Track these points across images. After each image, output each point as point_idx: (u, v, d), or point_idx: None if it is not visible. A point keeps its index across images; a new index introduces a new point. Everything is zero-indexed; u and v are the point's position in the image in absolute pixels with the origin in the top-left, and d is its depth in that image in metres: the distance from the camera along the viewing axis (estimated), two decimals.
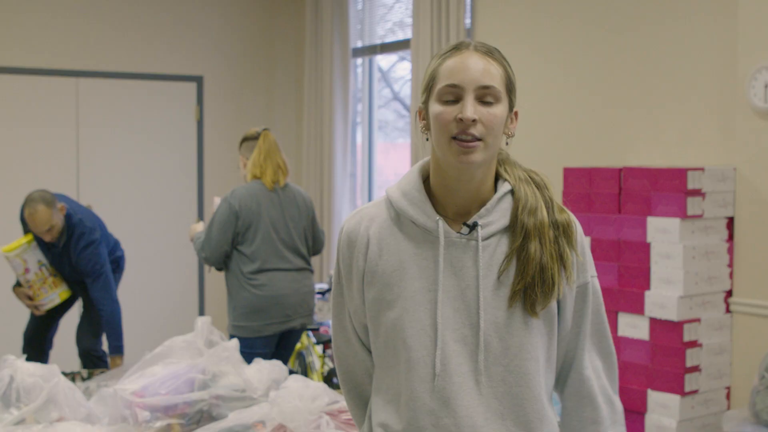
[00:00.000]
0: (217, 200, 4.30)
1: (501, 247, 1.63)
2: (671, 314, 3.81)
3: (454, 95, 1.60)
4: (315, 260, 6.63)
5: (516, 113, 1.68)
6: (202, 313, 6.78)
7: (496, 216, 1.64)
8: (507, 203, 1.65)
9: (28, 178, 6.21)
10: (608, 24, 4.59)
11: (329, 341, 4.90)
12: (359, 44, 6.51)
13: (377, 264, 1.66)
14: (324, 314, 5.79)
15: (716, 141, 4.10)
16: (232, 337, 4.07)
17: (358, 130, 6.73)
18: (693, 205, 3.83)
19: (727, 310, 3.99)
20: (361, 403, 1.81)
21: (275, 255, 4.11)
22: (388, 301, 1.64)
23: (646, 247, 3.90)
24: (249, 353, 3.80)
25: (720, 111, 4.09)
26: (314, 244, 4.35)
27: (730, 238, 3.99)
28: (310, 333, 5.00)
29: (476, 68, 1.60)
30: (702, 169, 3.86)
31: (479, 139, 1.58)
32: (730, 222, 3.99)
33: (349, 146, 6.54)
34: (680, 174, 3.82)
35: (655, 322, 3.88)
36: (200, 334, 3.17)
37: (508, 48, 5.15)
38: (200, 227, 4.33)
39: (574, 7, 4.77)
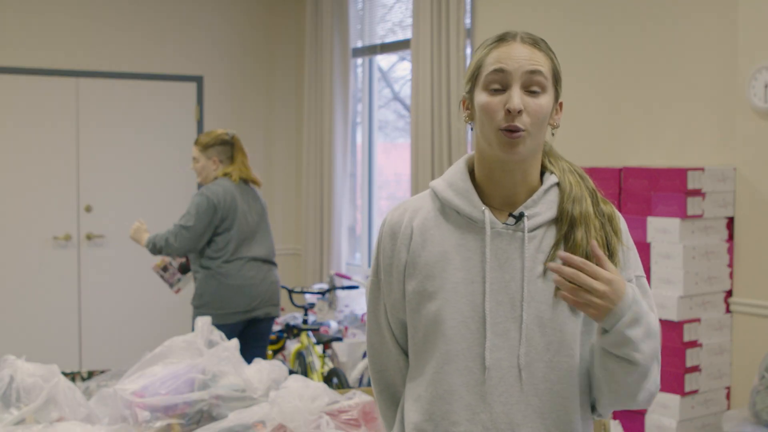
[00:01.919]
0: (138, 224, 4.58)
1: (547, 239, 1.61)
2: (671, 314, 3.81)
3: (500, 83, 1.58)
4: (314, 261, 6.64)
5: (561, 104, 1.67)
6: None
7: (542, 208, 1.62)
8: (553, 195, 1.64)
9: (28, 178, 6.21)
10: (608, 24, 4.59)
11: (329, 341, 4.90)
12: (359, 44, 6.51)
13: (420, 255, 1.64)
14: (324, 314, 5.79)
15: (716, 141, 4.10)
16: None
17: (358, 130, 6.73)
18: (693, 205, 3.83)
19: (727, 310, 3.99)
20: (392, 404, 1.77)
21: (245, 247, 4.39)
22: (429, 292, 1.61)
23: (646, 247, 3.90)
24: None
25: (720, 111, 4.09)
26: None
27: (730, 238, 3.99)
28: (310, 333, 5.01)
29: (523, 55, 1.58)
30: (702, 169, 3.86)
31: (523, 130, 1.56)
32: (730, 222, 3.99)
33: (349, 146, 6.54)
34: (680, 174, 3.82)
35: None
36: (200, 334, 3.17)
37: None
38: (144, 227, 4.54)
39: (574, 7, 4.77)
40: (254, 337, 4.47)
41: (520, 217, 1.60)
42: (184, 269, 4.64)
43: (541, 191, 1.63)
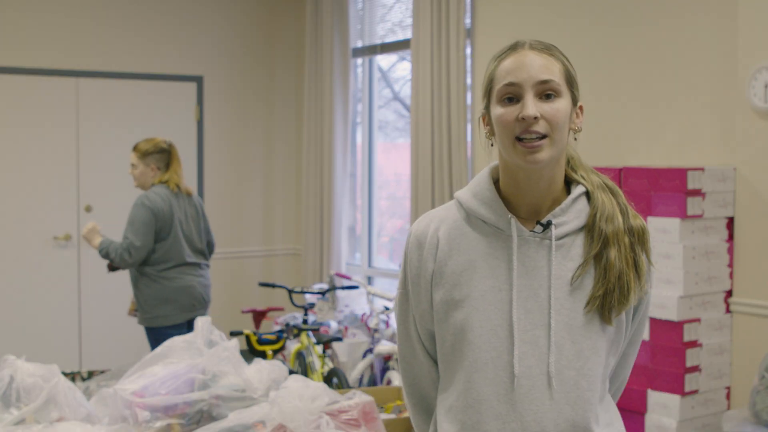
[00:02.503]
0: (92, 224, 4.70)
1: (575, 248, 1.61)
2: (671, 314, 3.81)
3: (513, 94, 1.57)
4: (314, 261, 6.64)
5: (581, 107, 1.65)
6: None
7: (570, 216, 1.62)
8: (582, 204, 1.63)
9: (28, 178, 6.21)
10: (608, 24, 4.59)
11: (329, 341, 4.90)
12: (359, 44, 6.51)
13: (446, 264, 1.63)
14: (324, 314, 5.79)
15: (716, 141, 4.10)
16: (147, 329, 4.60)
17: (358, 130, 6.73)
18: (693, 205, 3.83)
19: (727, 310, 3.99)
20: (426, 416, 1.75)
21: (183, 252, 4.61)
22: (456, 300, 1.61)
23: None
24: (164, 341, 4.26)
25: (720, 111, 4.09)
26: (208, 245, 4.84)
27: (730, 238, 3.99)
28: (310, 333, 5.00)
29: (533, 64, 1.57)
30: (702, 169, 3.86)
31: (544, 136, 1.55)
32: (730, 222, 3.99)
33: (349, 146, 6.53)
34: (680, 174, 3.82)
35: (655, 322, 3.88)
36: (200, 334, 3.17)
37: None
38: (97, 229, 4.68)
39: (574, 7, 4.77)
40: None
41: (547, 225, 1.60)
42: (112, 268, 4.76)
43: (569, 200, 1.62)
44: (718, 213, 3.93)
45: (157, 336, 4.44)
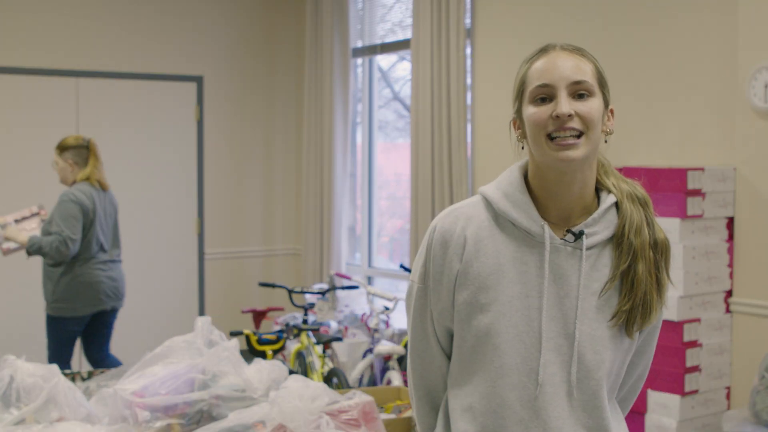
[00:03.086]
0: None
1: (603, 258, 1.60)
2: (671, 314, 3.81)
3: (547, 95, 1.56)
4: (314, 261, 6.64)
5: (612, 111, 1.64)
6: (202, 313, 6.78)
7: (601, 227, 1.60)
8: (612, 215, 1.62)
9: (28, 178, 6.21)
10: (608, 24, 4.59)
11: (329, 341, 4.90)
12: (359, 44, 6.51)
13: (472, 265, 1.61)
14: (324, 314, 5.78)
15: (716, 141, 4.10)
16: (48, 317, 4.85)
17: (358, 130, 6.73)
18: (693, 205, 3.83)
19: (727, 310, 3.99)
20: (432, 410, 1.75)
21: (97, 247, 4.85)
22: (482, 304, 1.59)
23: None
24: (63, 330, 4.82)
25: (720, 111, 4.09)
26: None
27: (730, 238, 3.99)
28: (310, 333, 5.00)
29: (566, 65, 1.56)
30: (702, 169, 3.86)
31: (581, 134, 1.55)
32: (730, 222, 3.99)
33: (349, 146, 6.53)
34: (680, 174, 3.82)
35: None
36: (200, 334, 3.16)
37: (508, 48, 5.17)
38: (15, 229, 4.88)
39: (574, 7, 4.77)
40: (100, 326, 5.03)
41: (579, 235, 1.58)
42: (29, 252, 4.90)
43: (601, 210, 1.61)
44: (718, 213, 3.93)
45: (57, 325, 4.81)
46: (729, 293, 3.99)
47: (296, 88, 7.11)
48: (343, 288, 5.44)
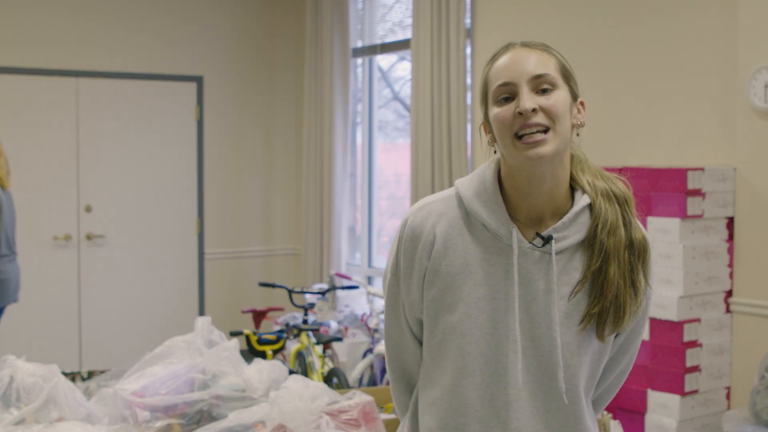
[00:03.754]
0: None
1: (573, 262, 1.57)
2: (671, 314, 3.81)
3: (509, 93, 1.53)
4: (314, 261, 6.64)
5: (582, 103, 1.60)
6: (202, 313, 6.78)
7: (572, 231, 1.57)
8: (585, 218, 1.58)
9: (28, 178, 6.21)
10: (608, 24, 4.59)
11: (329, 341, 4.90)
12: (359, 44, 6.51)
13: (441, 263, 1.60)
14: (324, 314, 5.78)
15: (716, 141, 4.10)
16: None
17: (358, 130, 6.73)
18: (693, 205, 3.83)
19: (727, 310, 3.99)
20: (407, 391, 1.76)
21: (9, 244, 5.01)
22: (448, 303, 1.59)
23: None
24: None
25: (720, 111, 4.09)
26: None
27: (730, 238, 3.99)
28: (310, 333, 5.00)
29: (526, 61, 1.53)
30: (702, 169, 3.86)
31: (546, 129, 1.50)
32: (730, 222, 3.99)
33: (349, 146, 6.53)
34: (680, 174, 3.82)
35: (655, 322, 3.88)
36: (200, 334, 3.16)
37: None
38: None
39: (574, 7, 4.77)
40: None
41: (547, 240, 1.55)
42: None
43: (572, 214, 1.57)
44: (718, 213, 3.93)
45: None
46: (729, 293, 3.99)
47: (296, 88, 7.11)
48: (343, 288, 5.44)
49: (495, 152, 1.61)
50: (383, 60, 6.71)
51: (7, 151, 6.17)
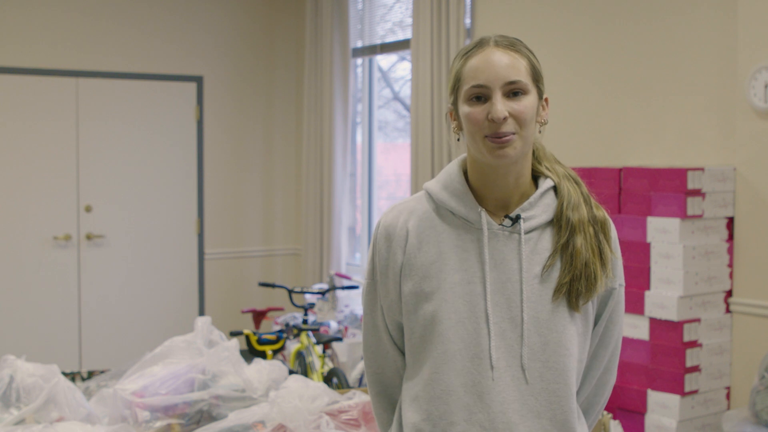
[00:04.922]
0: None
1: (543, 242, 1.63)
2: (671, 314, 3.81)
3: (481, 94, 1.60)
4: (314, 261, 6.64)
5: (546, 100, 1.67)
6: (202, 313, 6.78)
7: (538, 210, 1.64)
8: (550, 199, 1.66)
9: (28, 178, 6.21)
10: (608, 24, 4.59)
11: (329, 341, 4.90)
12: (359, 44, 6.51)
13: (416, 256, 1.65)
14: (324, 314, 5.78)
15: (716, 141, 4.10)
16: None
17: (358, 130, 6.73)
18: (693, 205, 3.83)
19: (727, 310, 3.99)
20: (389, 406, 1.77)
21: None
22: (426, 293, 1.63)
23: (646, 247, 3.90)
24: None
25: (720, 111, 4.09)
26: None
27: (730, 238, 3.99)
28: (310, 333, 5.00)
29: (500, 64, 1.59)
30: (702, 169, 3.86)
31: (513, 133, 1.58)
32: (730, 222, 3.99)
33: (349, 146, 6.54)
34: (680, 174, 3.82)
35: (655, 322, 3.88)
36: (200, 334, 3.17)
37: None
38: None
39: (574, 7, 4.77)
40: None
41: (516, 219, 1.62)
42: None
43: (537, 194, 1.65)
44: (718, 213, 3.93)
45: None
46: (729, 293, 3.99)
47: (296, 88, 7.11)
48: (343, 288, 5.44)
49: (458, 140, 1.68)
50: (383, 60, 6.71)
51: (8, 150, 6.18)
